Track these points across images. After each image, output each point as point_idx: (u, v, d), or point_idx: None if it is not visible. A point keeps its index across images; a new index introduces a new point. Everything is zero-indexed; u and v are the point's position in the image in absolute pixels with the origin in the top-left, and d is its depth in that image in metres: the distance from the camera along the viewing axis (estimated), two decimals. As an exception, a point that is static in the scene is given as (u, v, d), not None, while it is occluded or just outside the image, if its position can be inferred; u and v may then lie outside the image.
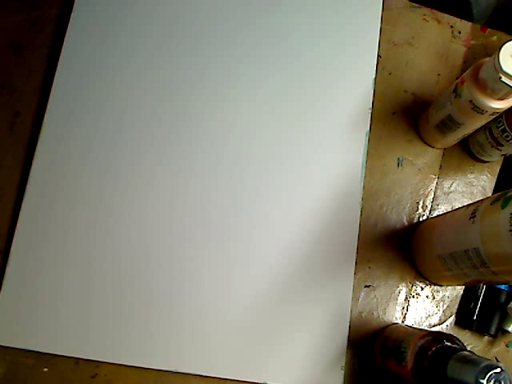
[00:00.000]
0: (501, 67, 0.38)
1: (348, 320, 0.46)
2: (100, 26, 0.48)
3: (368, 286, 0.47)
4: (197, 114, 0.48)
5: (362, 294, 0.47)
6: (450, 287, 0.48)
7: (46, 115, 0.46)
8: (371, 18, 0.52)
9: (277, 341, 0.45)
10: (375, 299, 0.47)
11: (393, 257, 0.48)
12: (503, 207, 0.35)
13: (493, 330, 0.46)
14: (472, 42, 0.54)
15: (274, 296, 0.45)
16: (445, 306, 0.48)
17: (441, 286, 0.48)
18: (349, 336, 0.45)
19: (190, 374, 0.43)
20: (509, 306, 0.46)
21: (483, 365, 0.32)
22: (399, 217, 0.49)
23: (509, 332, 0.47)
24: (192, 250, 0.45)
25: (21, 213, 0.44)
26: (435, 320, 0.47)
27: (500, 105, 0.41)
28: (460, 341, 0.38)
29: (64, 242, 0.44)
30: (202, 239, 0.45)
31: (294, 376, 0.44)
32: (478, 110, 0.42)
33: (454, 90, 0.44)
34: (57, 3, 0.48)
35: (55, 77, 0.46)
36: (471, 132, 0.47)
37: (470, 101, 0.42)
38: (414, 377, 0.37)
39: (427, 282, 0.48)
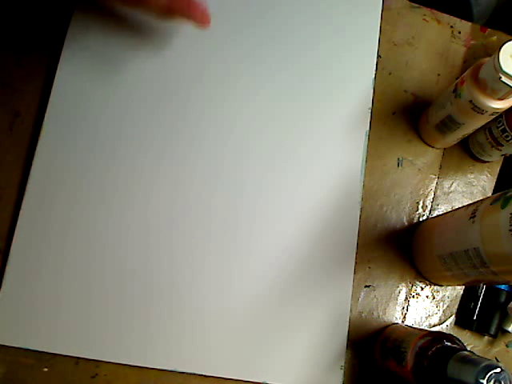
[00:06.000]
0: (501, 67, 0.38)
1: (348, 320, 0.46)
2: (100, 25, 0.48)
3: (368, 286, 0.47)
4: (197, 115, 0.48)
5: (362, 294, 0.47)
6: (450, 287, 0.48)
7: (46, 115, 0.46)
8: (371, 18, 0.52)
9: (276, 340, 0.45)
10: (375, 299, 0.47)
11: (393, 257, 0.48)
12: (503, 207, 0.35)
13: (493, 330, 0.46)
14: (472, 42, 0.54)
15: (274, 296, 0.45)
16: (445, 305, 0.48)
17: (441, 285, 0.48)
18: (348, 336, 0.45)
19: (189, 373, 0.43)
20: (509, 306, 0.46)
21: (483, 365, 0.32)
22: (399, 217, 0.49)
23: (509, 332, 0.47)
24: (192, 249, 0.45)
25: (21, 213, 0.44)
26: (435, 320, 0.47)
27: (500, 105, 0.41)
28: (460, 341, 0.38)
29: (64, 242, 0.44)
30: (202, 239, 0.45)
31: (293, 375, 0.44)
32: (478, 110, 0.42)
33: (454, 90, 0.44)
34: (57, 4, 0.48)
35: (56, 76, 0.46)
36: (471, 132, 0.47)
37: (470, 101, 0.42)
38: (414, 377, 0.37)
39: (427, 282, 0.48)
